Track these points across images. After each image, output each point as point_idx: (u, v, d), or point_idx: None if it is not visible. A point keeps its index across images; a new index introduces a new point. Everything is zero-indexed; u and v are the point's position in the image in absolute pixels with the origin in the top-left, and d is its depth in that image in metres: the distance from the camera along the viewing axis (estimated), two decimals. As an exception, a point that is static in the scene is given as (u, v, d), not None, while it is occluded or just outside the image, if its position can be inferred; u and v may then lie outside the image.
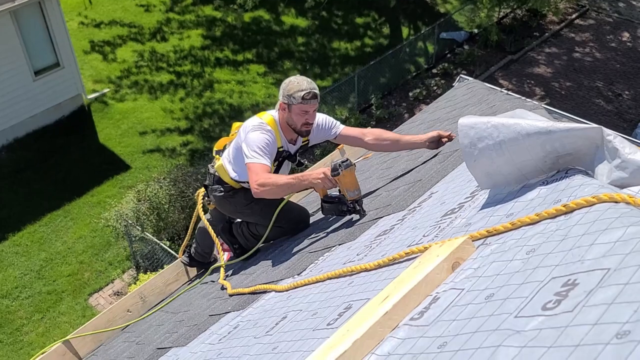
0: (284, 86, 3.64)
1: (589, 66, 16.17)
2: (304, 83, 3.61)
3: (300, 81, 3.62)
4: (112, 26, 17.02)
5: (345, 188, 3.37)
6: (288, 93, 3.59)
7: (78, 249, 11.26)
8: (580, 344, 1.14)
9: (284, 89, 3.63)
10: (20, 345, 9.73)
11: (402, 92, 15.43)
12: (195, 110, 14.60)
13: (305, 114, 3.64)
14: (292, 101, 3.58)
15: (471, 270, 1.74)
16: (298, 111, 3.62)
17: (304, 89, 3.57)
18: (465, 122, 2.06)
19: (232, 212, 4.13)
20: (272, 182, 3.49)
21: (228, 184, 3.95)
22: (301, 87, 3.57)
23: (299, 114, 3.64)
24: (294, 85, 3.59)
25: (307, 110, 3.62)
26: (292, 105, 3.60)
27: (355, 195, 3.37)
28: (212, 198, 4.09)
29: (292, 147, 3.88)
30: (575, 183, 1.77)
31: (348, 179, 3.36)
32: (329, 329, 2.00)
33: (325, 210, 3.63)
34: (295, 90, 3.57)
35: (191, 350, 2.99)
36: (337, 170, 3.35)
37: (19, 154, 13.04)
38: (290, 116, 3.66)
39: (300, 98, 3.56)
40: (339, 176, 3.35)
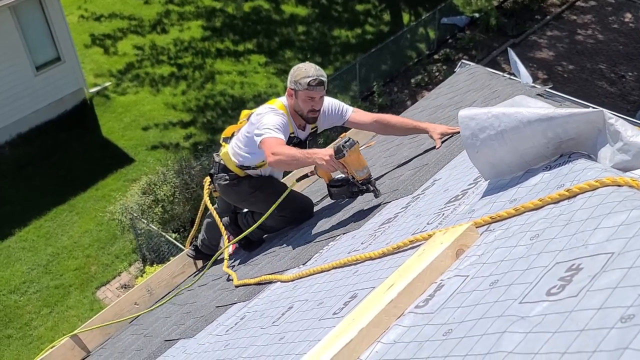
0: (292, 72, 3.67)
1: (592, 48, 16.08)
2: (311, 70, 3.63)
3: (308, 68, 3.64)
4: (112, 19, 16.98)
5: (353, 169, 3.27)
6: (295, 79, 3.63)
7: (84, 243, 11.30)
8: (585, 328, 1.14)
9: (291, 75, 3.67)
10: (30, 340, 9.80)
11: (403, 78, 15.38)
12: (198, 102, 14.59)
13: (311, 101, 3.66)
14: (299, 87, 3.61)
15: (475, 256, 1.74)
16: (304, 97, 3.64)
17: (310, 76, 3.59)
18: (466, 113, 2.06)
19: (236, 201, 4.13)
20: (284, 151, 3.49)
21: (233, 172, 3.96)
22: (308, 73, 3.60)
23: (305, 100, 3.66)
24: (300, 72, 3.62)
25: (313, 96, 3.64)
26: (299, 92, 3.63)
27: (365, 174, 3.28)
28: (217, 187, 4.10)
29: (301, 134, 3.90)
30: (578, 167, 1.77)
31: (354, 158, 3.26)
32: (334, 318, 2.01)
33: (334, 195, 3.57)
34: (302, 77, 3.59)
35: (199, 341, 3.00)
36: (341, 152, 3.23)
37: (22, 149, 13.07)
38: (297, 102, 3.69)
39: (306, 84, 3.58)
40: (345, 157, 3.24)
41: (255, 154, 3.79)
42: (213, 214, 4.25)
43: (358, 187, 3.34)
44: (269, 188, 3.93)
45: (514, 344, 1.23)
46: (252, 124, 3.74)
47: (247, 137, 3.81)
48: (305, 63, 3.71)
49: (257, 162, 3.88)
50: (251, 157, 3.86)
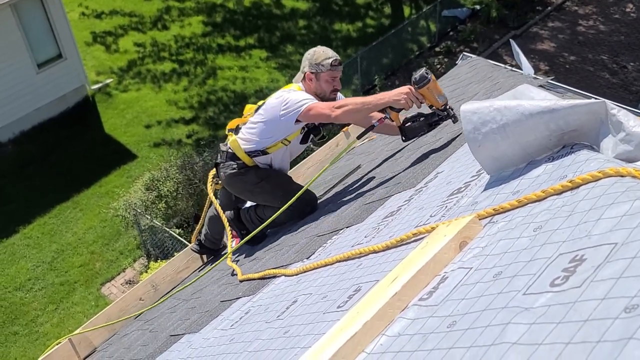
0: (310, 57, 3.76)
1: (593, 39, 16.04)
2: (329, 51, 3.76)
3: (325, 50, 3.77)
4: (112, 16, 16.98)
5: (435, 95, 3.23)
6: (316, 62, 3.72)
7: (88, 239, 11.34)
8: (588, 319, 1.15)
9: (309, 59, 3.75)
10: (36, 336, 9.84)
11: (405, 72, 15.36)
12: (199, 98, 14.59)
13: (333, 81, 3.78)
14: (321, 69, 3.71)
15: (479, 248, 1.74)
16: (327, 78, 3.75)
17: (331, 57, 3.73)
18: (468, 107, 2.05)
19: (240, 192, 4.11)
20: (348, 101, 3.53)
21: (241, 161, 3.95)
22: (328, 55, 3.73)
23: (328, 81, 3.76)
24: (320, 55, 3.73)
25: (335, 76, 3.77)
26: (321, 74, 3.73)
27: (444, 100, 3.25)
28: (222, 176, 4.05)
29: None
30: (581, 158, 1.77)
31: (433, 85, 3.22)
32: (339, 312, 2.02)
33: (412, 131, 3.49)
34: (323, 58, 3.71)
35: (204, 336, 3.01)
36: (425, 79, 3.18)
37: (26, 147, 13.09)
38: (319, 84, 3.76)
39: (329, 65, 3.71)
40: (428, 84, 3.18)
41: (271, 137, 3.81)
42: (216, 206, 4.25)
43: (438, 116, 3.31)
44: (274, 179, 3.94)
45: (518, 335, 1.24)
46: (274, 106, 3.74)
47: (265, 120, 3.81)
48: (318, 47, 3.82)
49: (269, 144, 3.87)
50: (264, 141, 3.86)
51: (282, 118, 3.69)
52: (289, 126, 3.73)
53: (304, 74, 3.78)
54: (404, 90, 3.34)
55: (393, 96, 3.35)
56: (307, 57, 3.78)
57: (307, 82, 3.79)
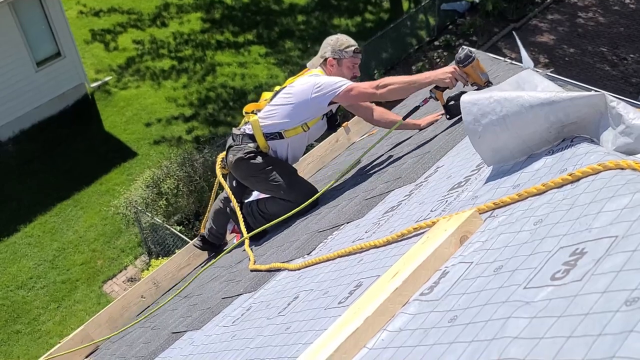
0: (333, 43, 3.89)
1: (593, 31, 16.01)
2: (351, 39, 3.93)
3: (347, 38, 3.93)
4: (111, 14, 16.96)
5: (479, 73, 3.33)
6: (339, 48, 3.86)
7: (90, 237, 11.35)
8: (589, 312, 1.15)
9: (332, 45, 3.88)
10: (39, 335, 9.86)
11: (405, 66, 15.34)
12: (199, 95, 14.58)
13: (354, 67, 3.91)
14: (344, 55, 3.85)
15: (479, 243, 1.74)
16: (349, 64, 3.88)
17: (353, 44, 3.89)
18: (468, 99, 2.05)
19: (245, 176, 4.07)
20: (392, 80, 3.57)
21: (256, 142, 3.94)
22: (350, 42, 3.89)
23: (349, 67, 3.89)
24: (343, 42, 3.88)
25: (357, 63, 3.91)
26: (344, 60, 3.86)
27: (487, 77, 3.37)
28: (231, 159, 4.03)
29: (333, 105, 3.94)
30: (581, 151, 1.77)
31: (476, 63, 3.33)
32: (340, 307, 2.02)
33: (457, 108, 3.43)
34: (347, 45, 3.86)
35: (206, 333, 3.02)
36: (470, 57, 3.28)
37: (26, 145, 13.10)
38: (341, 70, 3.88)
39: (352, 52, 3.86)
40: (473, 62, 3.29)
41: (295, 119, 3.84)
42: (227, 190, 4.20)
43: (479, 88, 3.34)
44: (280, 168, 3.95)
45: (519, 329, 1.24)
46: (304, 89, 3.76)
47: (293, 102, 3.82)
48: (339, 34, 3.99)
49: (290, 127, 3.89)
50: (286, 122, 3.87)
51: (314, 99, 3.73)
52: (319, 108, 3.80)
53: (324, 59, 3.89)
54: (448, 69, 3.41)
55: (439, 75, 3.42)
56: (329, 43, 3.89)
57: (328, 68, 3.89)
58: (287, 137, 3.92)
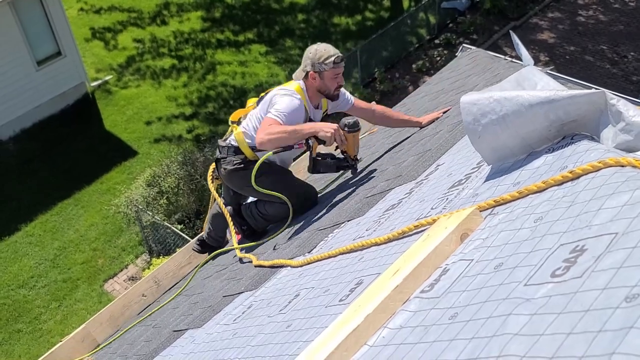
0: (312, 55, 3.77)
1: (593, 29, 15.99)
2: (330, 49, 3.79)
3: (327, 48, 3.79)
4: (111, 12, 16.94)
5: (354, 145, 3.59)
6: (319, 61, 3.75)
7: (90, 236, 11.35)
8: (589, 309, 1.15)
9: (312, 58, 3.76)
10: (40, 334, 9.87)
11: (405, 64, 15.32)
12: (199, 94, 14.57)
13: (337, 77, 3.83)
14: (325, 68, 3.75)
15: (480, 240, 1.74)
16: (331, 76, 3.79)
17: (333, 54, 3.76)
18: (467, 99, 2.05)
19: (241, 187, 4.08)
20: (278, 129, 3.59)
21: (244, 155, 3.95)
22: (329, 52, 3.76)
23: (332, 79, 3.81)
24: (322, 53, 3.75)
25: (339, 72, 3.82)
26: (325, 72, 3.76)
27: (358, 152, 3.66)
28: (223, 172, 4.04)
29: (317, 114, 3.96)
30: (581, 149, 1.77)
31: (357, 136, 3.60)
32: (341, 305, 2.02)
33: (323, 166, 3.76)
34: (326, 57, 3.74)
35: (207, 331, 3.02)
36: (357, 126, 3.54)
37: (26, 144, 13.10)
38: (324, 82, 3.81)
39: (332, 63, 3.74)
40: (355, 133, 3.54)
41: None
42: (219, 202, 4.24)
43: (348, 162, 3.67)
44: (275, 175, 3.94)
45: (519, 326, 1.24)
46: (265, 103, 3.81)
47: (258, 117, 3.85)
48: (317, 44, 3.84)
49: None
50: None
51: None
52: None
53: (306, 72, 3.79)
54: (333, 126, 3.54)
55: (324, 128, 3.54)
56: (308, 56, 3.78)
57: (310, 81, 3.82)
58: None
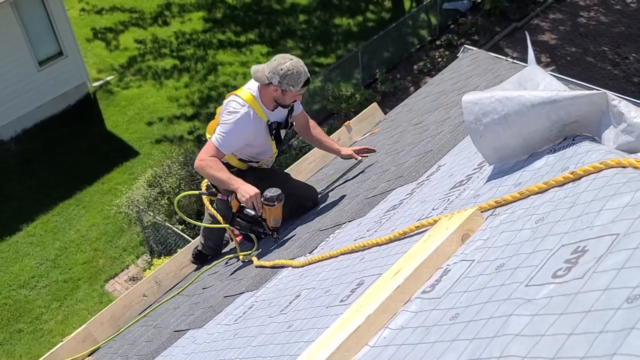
0: (281, 72, 3.56)
1: (595, 30, 15.98)
2: (301, 72, 3.60)
3: (298, 69, 3.58)
4: (113, 12, 16.95)
5: (272, 217, 3.63)
6: (287, 82, 3.58)
7: (92, 236, 11.35)
8: (591, 309, 1.15)
9: (280, 75, 3.57)
10: (41, 334, 9.87)
11: (406, 65, 15.32)
12: (200, 94, 14.58)
13: (298, 97, 3.77)
14: (290, 89, 3.62)
15: (481, 241, 1.74)
16: (295, 94, 3.70)
17: (302, 78, 3.61)
18: (469, 98, 2.05)
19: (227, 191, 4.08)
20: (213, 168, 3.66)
21: (235, 168, 3.95)
22: (300, 77, 3.59)
23: (295, 96, 3.73)
24: (293, 76, 3.57)
25: (301, 93, 3.74)
26: (288, 92, 3.64)
27: (277, 224, 3.67)
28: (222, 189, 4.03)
29: (277, 115, 3.86)
30: (582, 150, 1.77)
31: (277, 210, 3.62)
32: (342, 306, 2.03)
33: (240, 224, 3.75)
34: (295, 80, 3.59)
35: (208, 331, 3.02)
36: (273, 202, 3.57)
37: (28, 144, 13.10)
38: (284, 98, 3.71)
39: (299, 87, 3.63)
40: (272, 207, 3.58)
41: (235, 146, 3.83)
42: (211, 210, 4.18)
43: (264, 231, 3.69)
44: (272, 179, 3.93)
45: (520, 327, 1.24)
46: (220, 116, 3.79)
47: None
48: (287, 62, 3.59)
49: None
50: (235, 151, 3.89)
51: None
52: None
53: (269, 82, 3.61)
54: (253, 191, 3.57)
55: (247, 190, 3.59)
56: (278, 71, 3.56)
57: (269, 90, 3.66)
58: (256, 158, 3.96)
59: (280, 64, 3.58)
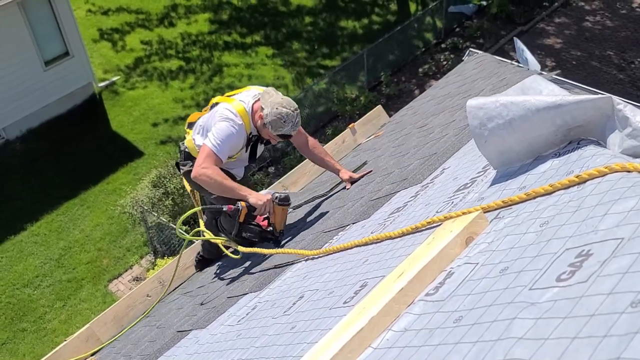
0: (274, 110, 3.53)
1: (600, 35, 15.95)
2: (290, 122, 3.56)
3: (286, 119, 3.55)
4: (119, 13, 17.00)
5: (281, 219, 3.64)
6: (271, 122, 3.55)
7: (96, 236, 11.38)
8: (595, 313, 1.15)
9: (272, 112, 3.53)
10: (44, 333, 9.89)
11: (411, 68, 15.32)
12: (206, 95, 14.60)
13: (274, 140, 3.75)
14: (269, 127, 3.60)
15: (485, 244, 1.74)
16: (270, 135, 3.68)
17: (284, 130, 3.57)
18: (474, 103, 2.06)
19: (198, 188, 4.07)
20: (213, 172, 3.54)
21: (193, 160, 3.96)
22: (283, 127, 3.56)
23: (269, 135, 3.70)
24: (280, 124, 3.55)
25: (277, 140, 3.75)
26: (269, 131, 3.62)
27: (283, 227, 3.70)
28: (183, 174, 4.13)
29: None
30: (587, 154, 1.77)
31: (286, 211, 3.66)
32: (345, 307, 2.03)
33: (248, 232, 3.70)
34: (277, 126, 3.56)
35: (211, 332, 3.03)
36: (288, 201, 3.59)
37: (33, 144, 13.14)
38: (262, 129, 3.69)
39: (275, 133, 3.62)
40: (284, 207, 3.60)
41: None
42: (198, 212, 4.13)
43: (273, 235, 3.67)
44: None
45: (524, 330, 1.24)
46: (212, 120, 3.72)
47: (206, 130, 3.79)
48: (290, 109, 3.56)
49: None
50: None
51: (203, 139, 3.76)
52: None
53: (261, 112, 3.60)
54: (266, 197, 3.54)
55: (259, 197, 3.55)
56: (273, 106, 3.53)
57: (257, 114, 3.65)
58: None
59: (281, 105, 3.56)
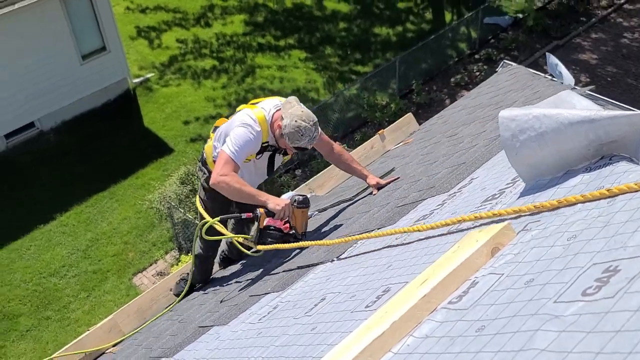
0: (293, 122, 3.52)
1: (638, 52, 15.70)
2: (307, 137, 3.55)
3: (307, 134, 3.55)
4: (157, 11, 17.24)
5: (301, 221, 3.61)
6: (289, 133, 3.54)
7: (123, 229, 11.53)
8: (621, 329, 1.14)
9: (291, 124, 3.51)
10: (68, 322, 10.05)
11: (443, 77, 15.26)
12: (237, 96, 14.72)
13: (290, 150, 3.77)
14: (286, 139, 3.60)
15: (511, 255, 1.74)
16: (287, 145, 3.68)
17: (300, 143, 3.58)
18: (506, 114, 2.05)
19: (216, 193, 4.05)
20: (232, 180, 3.54)
21: (208, 166, 4.04)
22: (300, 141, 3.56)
23: (286, 146, 3.71)
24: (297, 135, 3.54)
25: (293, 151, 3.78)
26: (286, 142, 3.63)
27: (305, 228, 3.66)
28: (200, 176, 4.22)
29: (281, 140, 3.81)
30: (620, 169, 1.75)
31: (306, 213, 3.64)
32: (367, 311, 2.03)
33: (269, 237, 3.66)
34: (294, 138, 3.56)
35: (232, 329, 3.05)
36: (306, 203, 3.57)
37: (66, 136, 13.38)
38: (279, 139, 3.70)
39: (292, 145, 3.61)
40: (303, 209, 3.58)
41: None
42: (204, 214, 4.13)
43: (295, 237, 3.64)
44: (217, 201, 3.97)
45: (547, 342, 1.23)
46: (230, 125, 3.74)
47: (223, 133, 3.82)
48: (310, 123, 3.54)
49: None
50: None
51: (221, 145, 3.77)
52: None
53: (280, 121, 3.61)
54: (284, 201, 3.52)
55: (277, 201, 3.53)
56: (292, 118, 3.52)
57: (276, 123, 3.66)
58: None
59: (300, 117, 3.54)
